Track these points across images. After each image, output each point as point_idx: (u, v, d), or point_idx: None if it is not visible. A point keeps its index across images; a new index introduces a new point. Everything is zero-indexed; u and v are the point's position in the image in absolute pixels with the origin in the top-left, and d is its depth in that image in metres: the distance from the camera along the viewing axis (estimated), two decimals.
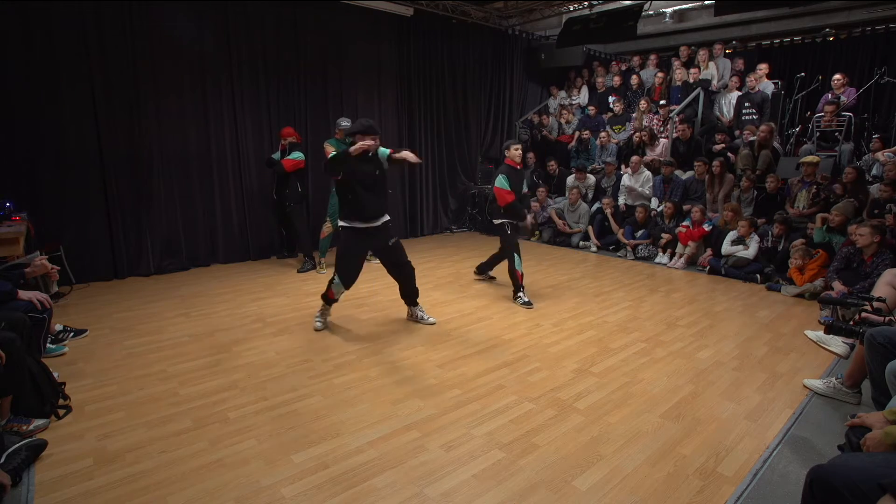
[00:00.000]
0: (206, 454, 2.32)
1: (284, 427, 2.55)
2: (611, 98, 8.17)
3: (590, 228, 7.01)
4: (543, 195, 7.55)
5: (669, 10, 8.41)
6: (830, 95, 6.41)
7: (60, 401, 2.67)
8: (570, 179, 7.56)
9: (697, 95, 7.04)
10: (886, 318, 2.64)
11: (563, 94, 9.23)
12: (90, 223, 5.08)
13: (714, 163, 6.27)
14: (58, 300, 4.24)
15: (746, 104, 6.91)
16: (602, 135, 7.73)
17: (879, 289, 3.17)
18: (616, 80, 8.39)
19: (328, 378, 3.10)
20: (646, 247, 6.43)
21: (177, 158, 5.58)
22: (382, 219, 3.70)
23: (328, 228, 5.51)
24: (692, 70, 7.41)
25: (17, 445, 2.19)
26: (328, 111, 6.68)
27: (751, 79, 6.85)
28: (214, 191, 5.89)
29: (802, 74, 6.98)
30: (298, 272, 5.63)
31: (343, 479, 2.15)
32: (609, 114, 8.10)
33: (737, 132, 6.96)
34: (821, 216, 5.13)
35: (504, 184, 4.48)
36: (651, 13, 8.30)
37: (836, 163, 6.00)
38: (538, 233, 7.66)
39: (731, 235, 5.56)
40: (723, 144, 6.70)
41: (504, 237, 4.72)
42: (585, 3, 7.71)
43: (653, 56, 8.39)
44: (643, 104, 7.56)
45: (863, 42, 7.55)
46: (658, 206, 6.59)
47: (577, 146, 8.06)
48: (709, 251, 5.85)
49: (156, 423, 2.58)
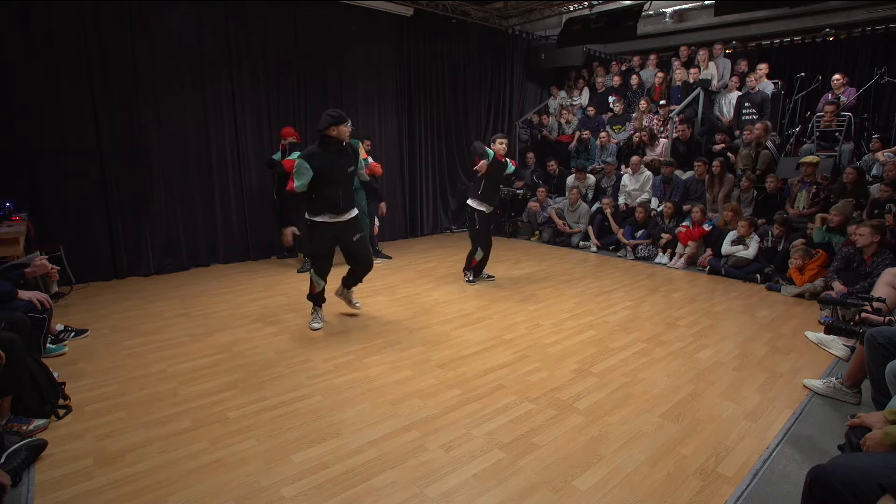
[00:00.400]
0: (206, 454, 2.32)
1: (284, 427, 2.55)
2: (611, 98, 8.17)
3: (590, 228, 7.01)
4: (543, 195, 7.55)
5: (669, 10, 8.41)
6: (830, 95, 6.41)
7: (60, 401, 2.67)
8: (570, 179, 7.56)
9: (697, 95, 7.04)
10: (886, 319, 2.64)
11: (564, 95, 9.23)
12: (90, 223, 5.08)
13: (714, 163, 6.28)
14: (58, 300, 4.23)
15: (746, 104, 6.91)
16: (602, 135, 7.73)
17: (879, 289, 3.16)
18: (616, 80, 8.39)
19: (328, 378, 3.09)
20: (646, 247, 6.43)
21: (177, 158, 5.58)
22: (351, 213, 3.77)
23: None
24: (692, 70, 7.41)
25: (17, 445, 2.19)
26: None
27: (751, 79, 6.86)
28: (214, 191, 5.89)
29: (802, 74, 6.98)
30: (298, 272, 5.63)
31: (343, 479, 2.15)
32: (609, 114, 8.10)
33: (737, 132, 6.96)
34: (820, 216, 5.13)
35: (484, 152, 4.78)
36: (651, 13, 8.30)
37: (836, 163, 6.00)
38: (538, 233, 7.67)
39: (731, 235, 5.56)
40: (723, 144, 6.70)
41: (471, 229, 5.03)
42: (585, 3, 7.70)
43: (653, 56, 8.39)
44: (643, 104, 7.56)
45: (863, 42, 7.55)
46: (658, 206, 6.59)
47: (578, 146, 8.06)
48: (709, 251, 5.85)
49: (156, 423, 2.58)
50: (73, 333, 3.63)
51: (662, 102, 7.39)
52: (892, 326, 2.50)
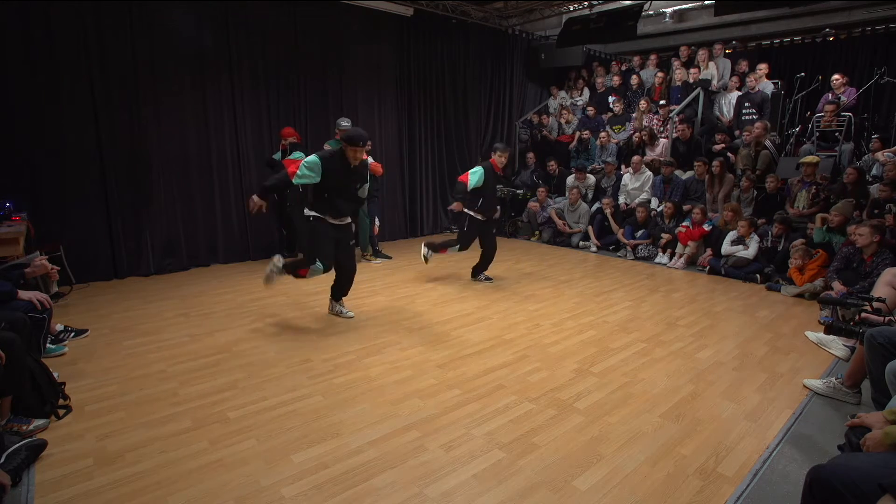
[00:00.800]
0: (206, 454, 2.32)
1: (284, 427, 2.55)
2: (611, 98, 8.17)
3: (590, 228, 7.01)
4: (543, 195, 7.55)
5: (669, 10, 8.41)
6: (830, 95, 6.41)
7: (60, 401, 2.67)
8: (570, 179, 7.56)
9: (697, 95, 7.04)
10: (886, 319, 2.64)
11: (564, 95, 9.23)
12: (90, 223, 5.08)
13: (714, 163, 6.28)
14: (58, 300, 4.23)
15: (746, 104, 6.91)
16: (602, 135, 7.73)
17: (879, 289, 3.16)
18: (616, 80, 8.39)
19: (328, 378, 3.09)
20: (646, 247, 6.43)
21: (177, 158, 5.58)
22: (347, 219, 3.93)
23: None
24: (692, 70, 7.41)
25: (17, 445, 2.19)
26: (328, 111, 6.68)
27: (751, 79, 6.86)
28: (214, 191, 5.89)
29: (802, 74, 6.99)
30: None
31: (343, 479, 2.15)
32: (609, 114, 8.10)
33: (737, 132, 6.96)
34: (820, 216, 5.13)
35: (473, 178, 4.81)
36: (651, 13, 8.30)
37: (836, 163, 6.00)
38: (538, 233, 7.67)
39: (731, 235, 5.56)
40: (723, 144, 6.70)
41: (460, 231, 5.17)
42: (585, 3, 7.71)
43: (653, 56, 8.39)
44: (643, 104, 7.56)
45: (863, 42, 7.56)
46: (658, 206, 6.59)
47: (578, 146, 8.06)
48: (709, 251, 5.85)
49: (156, 423, 2.58)
50: (73, 333, 3.63)
51: (662, 102, 7.39)
52: (892, 326, 2.50)
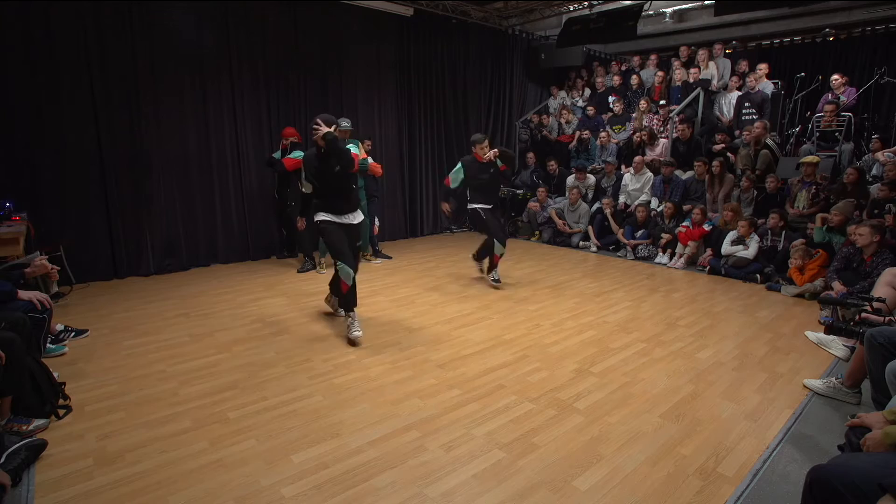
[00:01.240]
0: (206, 454, 2.32)
1: (284, 427, 2.55)
2: (611, 98, 8.16)
3: (590, 228, 7.01)
4: (543, 195, 7.55)
5: (669, 10, 8.42)
6: (830, 95, 6.41)
7: (60, 401, 2.67)
8: (570, 179, 7.56)
9: (697, 95, 7.04)
10: (886, 319, 2.64)
11: (564, 94, 9.23)
12: (90, 223, 5.08)
13: (714, 163, 6.27)
14: (58, 300, 4.23)
15: (746, 104, 6.90)
16: (602, 135, 7.73)
17: (879, 289, 3.16)
18: (616, 80, 8.39)
19: (328, 378, 3.09)
20: (646, 247, 6.43)
21: (177, 158, 5.58)
22: (357, 217, 3.86)
23: None
24: (692, 70, 7.40)
25: (17, 445, 2.19)
26: (328, 111, 6.62)
27: (751, 79, 6.85)
28: (214, 191, 5.89)
29: (802, 74, 6.98)
30: (298, 272, 5.63)
31: (343, 479, 2.15)
32: (609, 114, 8.10)
33: (737, 132, 6.96)
34: (821, 216, 5.13)
35: (455, 177, 5.02)
36: (651, 13, 8.31)
37: (836, 163, 6.00)
38: (538, 233, 7.67)
39: (731, 235, 5.56)
40: (723, 144, 6.70)
41: (480, 223, 5.08)
42: (585, 3, 7.70)
43: (653, 56, 8.39)
44: (643, 104, 7.56)
45: (863, 42, 7.56)
46: (658, 206, 6.59)
47: (578, 146, 8.06)
48: (709, 251, 5.85)
49: (156, 423, 2.58)
50: (73, 333, 3.63)
51: (662, 102, 7.39)
52: (892, 326, 2.50)
